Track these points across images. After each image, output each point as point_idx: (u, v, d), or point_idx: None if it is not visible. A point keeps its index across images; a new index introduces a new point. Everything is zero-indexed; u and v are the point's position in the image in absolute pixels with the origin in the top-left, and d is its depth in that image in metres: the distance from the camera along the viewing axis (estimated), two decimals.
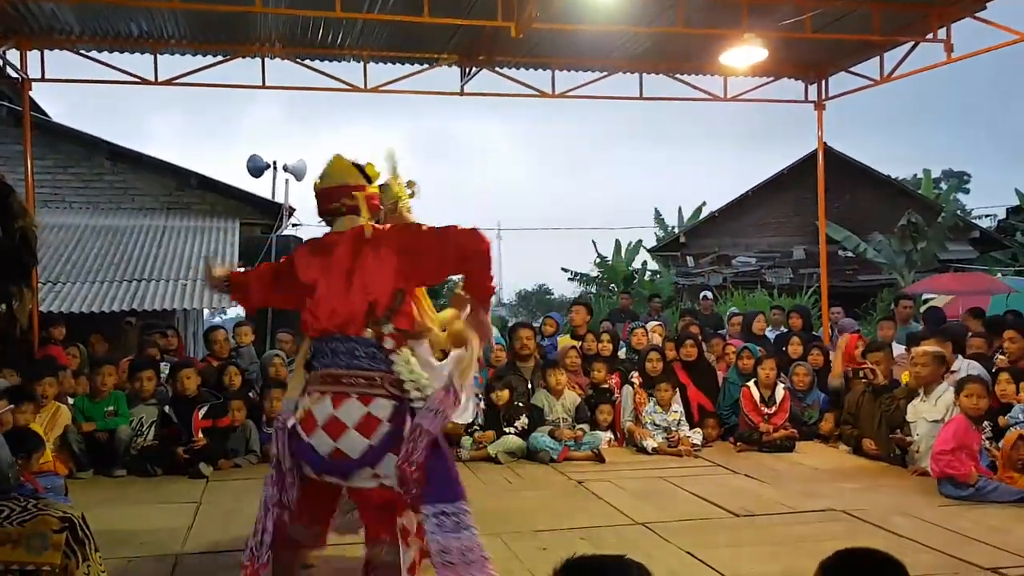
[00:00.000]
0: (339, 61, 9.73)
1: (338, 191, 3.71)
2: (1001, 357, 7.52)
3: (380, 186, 4.05)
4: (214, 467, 7.07)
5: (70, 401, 7.30)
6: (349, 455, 3.41)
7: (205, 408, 7.29)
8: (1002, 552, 4.57)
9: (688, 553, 4.65)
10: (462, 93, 10.24)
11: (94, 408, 7.24)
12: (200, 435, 7.14)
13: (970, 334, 8.25)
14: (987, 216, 29.25)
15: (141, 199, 14.14)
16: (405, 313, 3.53)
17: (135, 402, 7.44)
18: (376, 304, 3.47)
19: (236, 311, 16.08)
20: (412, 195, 4.35)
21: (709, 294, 13.85)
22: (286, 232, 14.53)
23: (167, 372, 7.85)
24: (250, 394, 7.88)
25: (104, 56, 9.27)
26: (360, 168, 3.78)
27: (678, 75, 10.51)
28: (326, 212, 3.77)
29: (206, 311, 16.90)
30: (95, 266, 11.58)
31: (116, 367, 7.70)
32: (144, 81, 9.27)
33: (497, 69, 9.99)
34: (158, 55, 9.23)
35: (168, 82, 9.35)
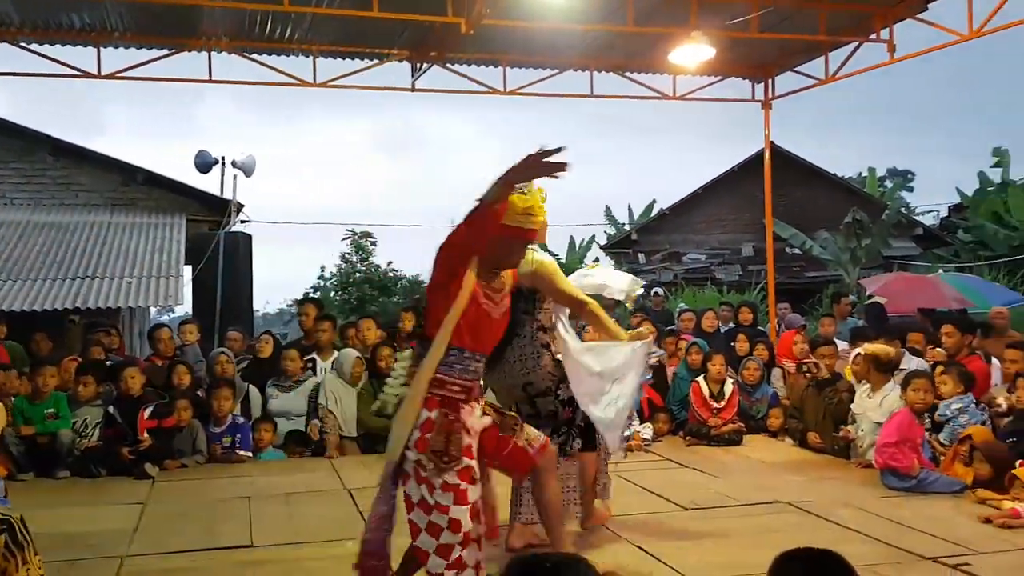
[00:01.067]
0: (288, 55, 9.63)
1: None
2: (939, 350, 7.68)
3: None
4: (160, 467, 6.94)
5: (12, 401, 7.12)
6: None
7: (151, 408, 7.16)
8: (942, 541, 4.68)
9: (638, 547, 4.69)
10: (413, 89, 10.20)
11: (33, 410, 7.02)
12: (146, 435, 7.01)
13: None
14: (930, 213, 29.94)
15: (85, 195, 13.82)
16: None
17: (78, 403, 7.28)
18: None
19: (184, 309, 15.78)
20: (543, 200, 4.48)
21: (660, 290, 13.95)
22: (234, 229, 14.31)
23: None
24: (198, 392, 7.76)
25: (46, 49, 9.07)
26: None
27: (628, 73, 10.58)
28: None
29: (152, 309, 16.60)
30: (37, 263, 11.30)
31: (58, 367, 7.50)
32: (87, 75, 9.10)
33: (448, 65, 9.96)
34: (102, 48, 9.06)
35: (112, 76, 9.19)
